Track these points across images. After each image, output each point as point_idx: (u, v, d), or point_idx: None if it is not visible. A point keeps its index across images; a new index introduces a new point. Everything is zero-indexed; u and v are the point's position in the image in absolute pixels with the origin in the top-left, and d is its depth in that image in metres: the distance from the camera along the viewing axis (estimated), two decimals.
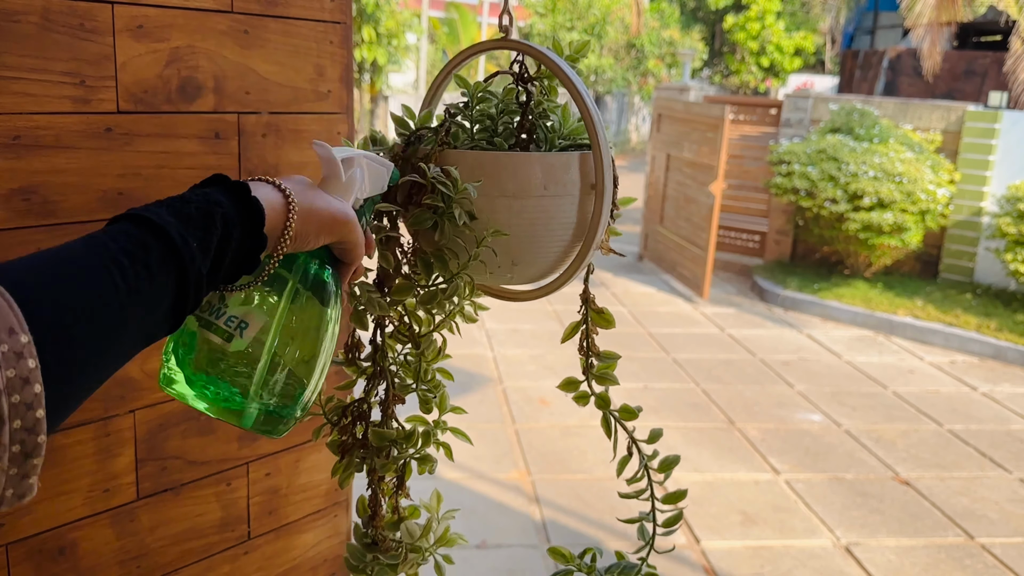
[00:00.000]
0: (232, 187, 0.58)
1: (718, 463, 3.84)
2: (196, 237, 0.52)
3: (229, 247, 0.55)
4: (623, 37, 17.95)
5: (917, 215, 6.53)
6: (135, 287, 0.48)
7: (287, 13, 0.95)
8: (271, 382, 0.63)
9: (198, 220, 0.53)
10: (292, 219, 0.60)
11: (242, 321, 0.62)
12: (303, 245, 0.63)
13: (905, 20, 10.27)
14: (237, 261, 0.57)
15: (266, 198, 0.58)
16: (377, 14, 11.23)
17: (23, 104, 0.77)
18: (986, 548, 3.21)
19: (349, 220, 0.65)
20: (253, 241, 0.57)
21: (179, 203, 0.54)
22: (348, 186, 0.68)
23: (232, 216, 0.56)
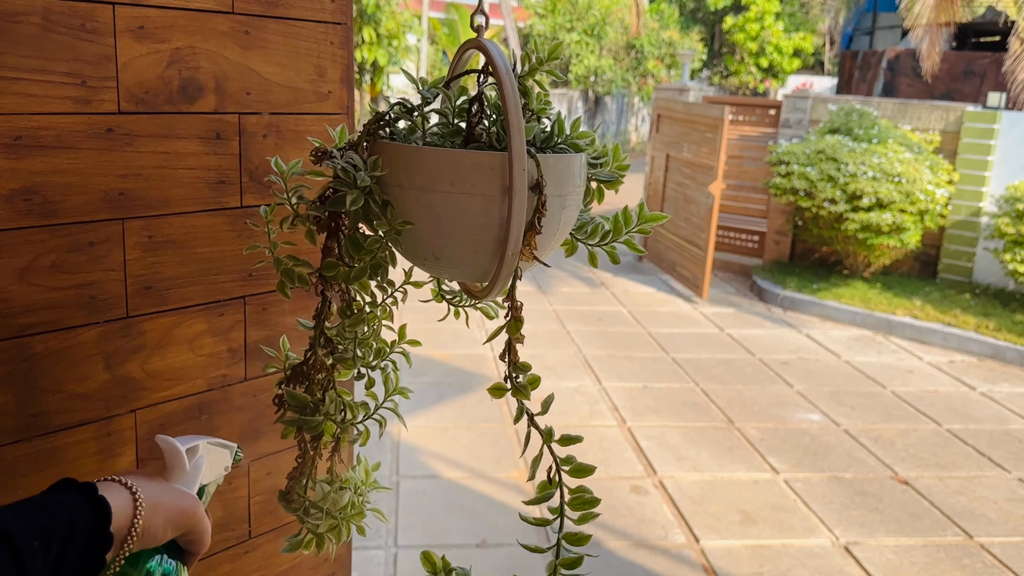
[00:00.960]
0: (79, 488, 0.59)
1: (717, 463, 3.84)
2: (39, 536, 0.53)
3: (72, 546, 0.55)
4: (623, 38, 17.96)
5: (916, 215, 6.53)
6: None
7: (288, 14, 0.95)
8: None
9: (42, 521, 0.54)
10: (139, 516, 0.61)
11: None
12: (151, 541, 0.63)
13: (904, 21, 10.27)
14: (80, 562, 0.57)
15: (113, 498, 0.60)
16: (377, 15, 11.23)
17: (24, 104, 0.77)
18: (985, 547, 3.21)
19: (196, 512, 0.67)
20: (98, 540, 0.58)
21: (24, 506, 0.55)
22: (192, 474, 0.70)
23: (78, 515, 0.56)
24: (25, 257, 0.80)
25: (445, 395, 4.39)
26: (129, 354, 0.89)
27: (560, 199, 0.75)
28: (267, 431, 1.04)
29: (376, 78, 11.95)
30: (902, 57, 12.81)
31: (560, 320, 6.01)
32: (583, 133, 0.80)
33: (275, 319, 1.03)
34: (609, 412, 4.34)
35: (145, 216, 0.88)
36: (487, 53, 0.74)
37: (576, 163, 0.76)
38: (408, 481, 3.43)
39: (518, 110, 0.71)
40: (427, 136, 0.78)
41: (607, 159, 0.83)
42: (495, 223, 0.72)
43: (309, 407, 0.77)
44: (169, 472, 0.70)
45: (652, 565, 2.99)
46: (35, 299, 0.81)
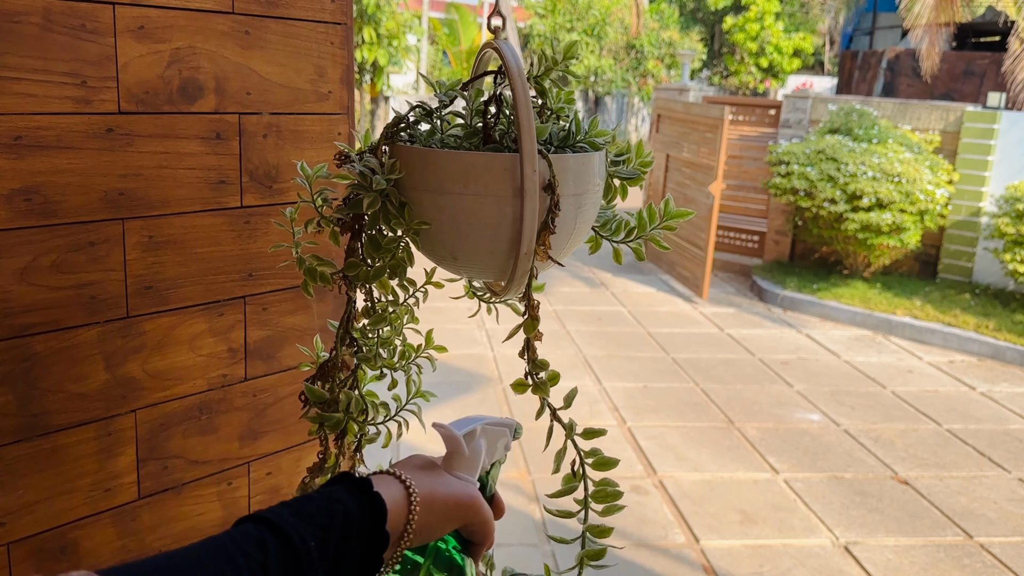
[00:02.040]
0: (355, 483, 0.58)
1: (717, 462, 3.84)
2: (315, 536, 0.53)
3: (349, 546, 0.55)
4: (623, 38, 17.96)
5: (916, 215, 6.53)
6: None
7: (288, 14, 0.95)
8: None
9: (318, 519, 0.54)
10: (414, 513, 0.59)
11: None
12: (428, 537, 0.62)
13: (904, 21, 10.27)
14: (357, 561, 0.56)
15: (388, 493, 0.58)
16: (378, 15, 11.23)
17: (25, 105, 0.77)
18: (985, 547, 3.21)
19: (474, 503, 0.64)
20: (375, 539, 0.57)
21: (302, 502, 0.55)
22: (472, 459, 0.67)
23: (353, 513, 0.56)
24: (25, 257, 0.80)
25: (445, 395, 4.39)
26: (129, 354, 0.89)
27: (576, 198, 0.75)
28: (267, 431, 1.04)
29: (376, 78, 11.94)
30: (902, 57, 12.81)
31: (560, 320, 6.01)
32: (601, 131, 0.79)
33: (275, 319, 1.03)
34: (609, 412, 4.34)
35: (145, 216, 0.88)
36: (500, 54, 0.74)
37: (594, 162, 0.76)
38: None
39: (528, 110, 0.71)
40: (445, 138, 0.79)
41: (629, 156, 0.83)
42: (509, 224, 0.72)
43: (328, 404, 0.77)
44: (448, 460, 0.67)
45: (652, 565, 2.99)
46: (35, 299, 0.81)
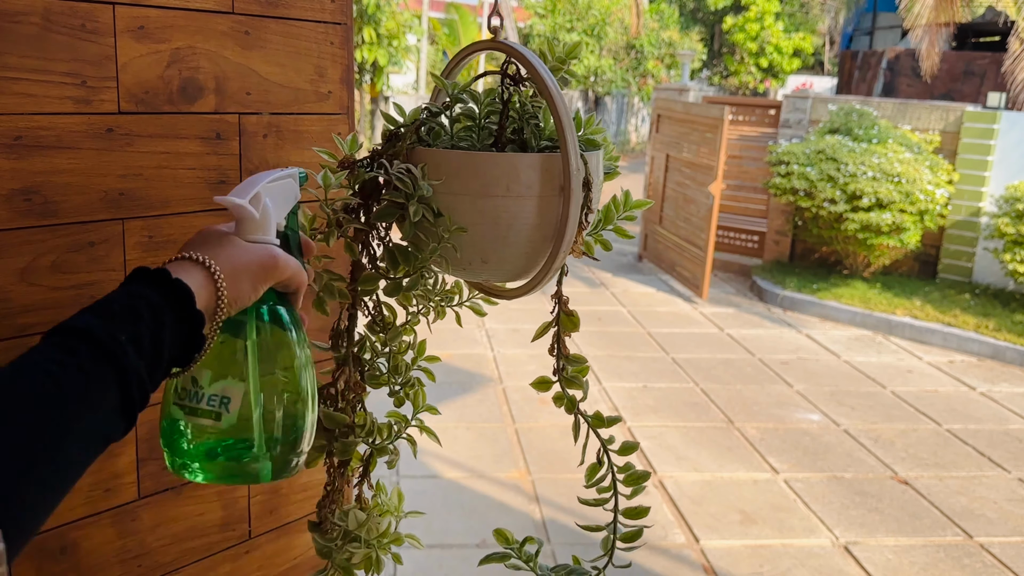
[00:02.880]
0: (152, 276, 0.58)
1: (717, 463, 3.84)
2: (124, 331, 0.53)
3: (164, 333, 0.55)
4: (623, 38, 17.96)
5: (915, 215, 6.54)
6: (69, 391, 0.49)
7: (288, 14, 0.95)
8: (272, 432, 0.65)
9: (123, 315, 0.54)
10: (221, 289, 0.60)
11: (223, 397, 0.62)
12: (244, 303, 0.63)
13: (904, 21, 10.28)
14: (179, 344, 0.57)
15: (189, 276, 0.59)
16: (378, 15, 11.23)
17: (24, 105, 0.77)
18: (985, 547, 3.21)
19: (276, 261, 0.65)
20: (189, 322, 0.58)
21: (102, 304, 0.55)
22: (264, 221, 0.68)
23: (158, 302, 0.56)
24: (25, 257, 0.80)
25: (445, 395, 4.39)
26: None
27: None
28: None
29: (376, 78, 11.95)
30: (902, 57, 12.82)
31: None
32: (597, 128, 0.81)
33: None
34: (609, 412, 4.33)
35: (145, 216, 0.88)
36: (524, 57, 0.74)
37: (600, 159, 0.79)
38: (408, 481, 3.43)
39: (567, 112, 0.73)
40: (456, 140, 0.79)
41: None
42: (549, 223, 0.74)
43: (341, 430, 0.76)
44: (240, 227, 0.67)
45: (652, 565, 2.99)
46: (35, 299, 0.81)
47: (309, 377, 0.68)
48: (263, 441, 0.64)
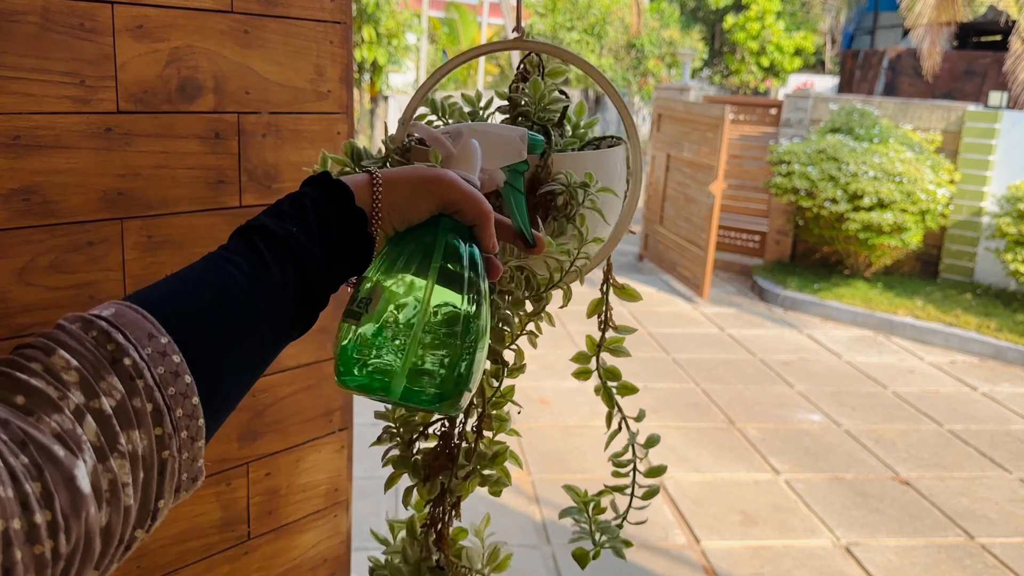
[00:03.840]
0: (315, 178, 0.62)
1: (718, 463, 3.84)
2: (295, 224, 0.57)
3: (330, 227, 0.58)
4: (623, 37, 17.95)
5: (917, 215, 6.53)
6: (254, 274, 0.53)
7: (287, 13, 0.95)
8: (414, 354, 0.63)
9: (291, 211, 0.58)
10: (377, 191, 0.62)
11: (368, 299, 0.63)
12: (405, 213, 0.63)
13: (905, 20, 10.27)
14: (345, 237, 0.60)
15: (351, 178, 0.62)
16: (377, 14, 11.23)
17: (23, 104, 0.77)
18: (986, 548, 3.21)
19: (443, 178, 0.64)
20: (351, 217, 0.60)
21: (274, 206, 0.59)
22: (464, 158, 0.67)
23: (319, 198, 0.59)
24: (23, 257, 0.79)
25: None
26: None
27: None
28: (266, 432, 1.04)
29: (376, 77, 11.94)
30: (903, 56, 12.80)
31: (560, 320, 6.01)
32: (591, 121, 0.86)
33: None
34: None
35: (144, 216, 0.87)
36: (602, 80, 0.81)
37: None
38: None
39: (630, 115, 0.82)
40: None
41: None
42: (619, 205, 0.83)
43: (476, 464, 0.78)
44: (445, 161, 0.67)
45: (652, 566, 2.99)
46: (33, 299, 0.81)
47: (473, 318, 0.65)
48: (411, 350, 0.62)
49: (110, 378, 0.43)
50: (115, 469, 0.42)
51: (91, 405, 0.42)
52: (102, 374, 0.43)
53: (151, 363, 0.45)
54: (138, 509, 0.44)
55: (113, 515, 0.42)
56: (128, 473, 0.43)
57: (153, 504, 0.46)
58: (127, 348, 0.44)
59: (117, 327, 0.45)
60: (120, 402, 0.43)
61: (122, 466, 0.42)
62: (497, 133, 0.71)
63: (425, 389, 0.64)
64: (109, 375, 0.43)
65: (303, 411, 1.08)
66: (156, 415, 0.44)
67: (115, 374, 0.43)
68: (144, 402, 0.44)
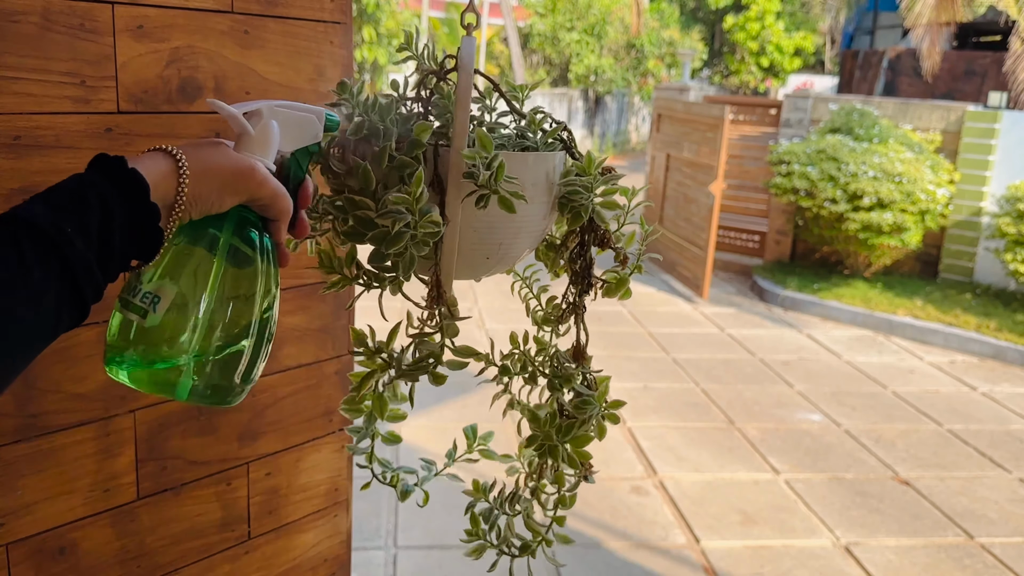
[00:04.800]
0: (107, 164, 0.56)
1: (718, 463, 3.84)
2: (71, 222, 0.51)
3: (114, 224, 0.53)
4: (623, 37, 17.95)
5: (917, 215, 6.53)
6: (9, 278, 0.48)
7: (287, 13, 0.95)
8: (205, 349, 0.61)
9: (70, 206, 0.52)
10: (183, 183, 0.58)
11: (155, 296, 0.60)
12: (208, 207, 0.60)
13: (905, 20, 10.27)
14: (130, 236, 0.55)
15: (152, 167, 0.57)
16: (377, 14, 11.23)
17: (23, 104, 0.77)
18: (986, 548, 3.21)
19: (255, 173, 0.62)
20: (141, 214, 0.55)
21: (51, 192, 0.53)
22: (261, 140, 0.65)
23: (108, 192, 0.54)
24: None
25: (445, 395, 4.39)
26: None
27: None
28: (266, 432, 1.04)
29: (376, 77, 11.94)
30: (903, 56, 12.80)
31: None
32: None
33: None
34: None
35: None
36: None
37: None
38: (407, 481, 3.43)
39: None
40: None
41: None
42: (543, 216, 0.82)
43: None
44: (238, 142, 0.65)
45: (652, 566, 2.99)
46: None
47: (263, 310, 0.65)
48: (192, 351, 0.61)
49: None
50: None
51: None
52: None
53: None
54: None
55: None
56: None
57: None
58: None
59: None
60: None
61: None
62: (297, 114, 0.69)
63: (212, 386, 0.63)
64: None
65: (303, 411, 1.08)
66: None
67: None
68: None
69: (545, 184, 0.79)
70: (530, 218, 0.79)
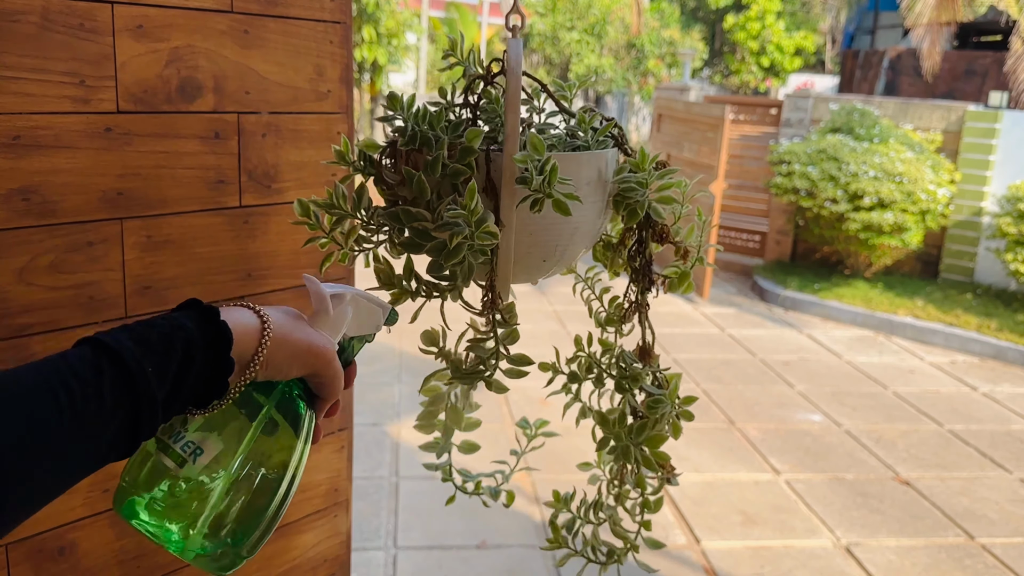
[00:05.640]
0: (202, 311, 0.58)
1: (718, 463, 3.83)
2: (152, 363, 0.53)
3: (190, 372, 0.55)
4: (623, 37, 17.94)
5: (917, 215, 6.53)
6: (81, 410, 0.49)
7: (287, 13, 0.95)
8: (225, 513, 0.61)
9: (158, 345, 0.53)
10: (264, 345, 0.59)
11: (197, 447, 0.60)
12: (275, 373, 0.62)
13: (905, 20, 10.27)
14: (199, 385, 0.56)
15: (239, 322, 0.58)
16: (377, 14, 11.22)
17: (23, 104, 0.77)
18: (986, 548, 3.21)
19: (325, 353, 0.64)
20: (218, 365, 0.57)
21: (143, 327, 0.55)
22: (336, 322, 0.67)
23: (196, 340, 0.55)
24: (23, 257, 0.79)
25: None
26: None
27: None
28: None
29: (376, 77, 11.94)
30: (903, 56, 12.80)
31: (560, 320, 6.01)
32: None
33: None
34: None
35: (144, 216, 0.87)
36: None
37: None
38: (408, 481, 3.43)
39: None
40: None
41: None
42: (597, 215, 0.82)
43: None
44: (313, 318, 0.67)
45: (653, 566, 2.99)
46: (33, 299, 0.80)
47: (289, 486, 0.65)
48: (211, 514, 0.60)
49: None
50: None
51: None
52: None
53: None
54: None
55: None
56: None
57: None
58: None
59: None
60: None
61: None
62: (369, 304, 0.71)
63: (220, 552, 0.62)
64: None
65: None
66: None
67: None
68: None
69: (599, 183, 0.78)
70: (585, 218, 0.78)
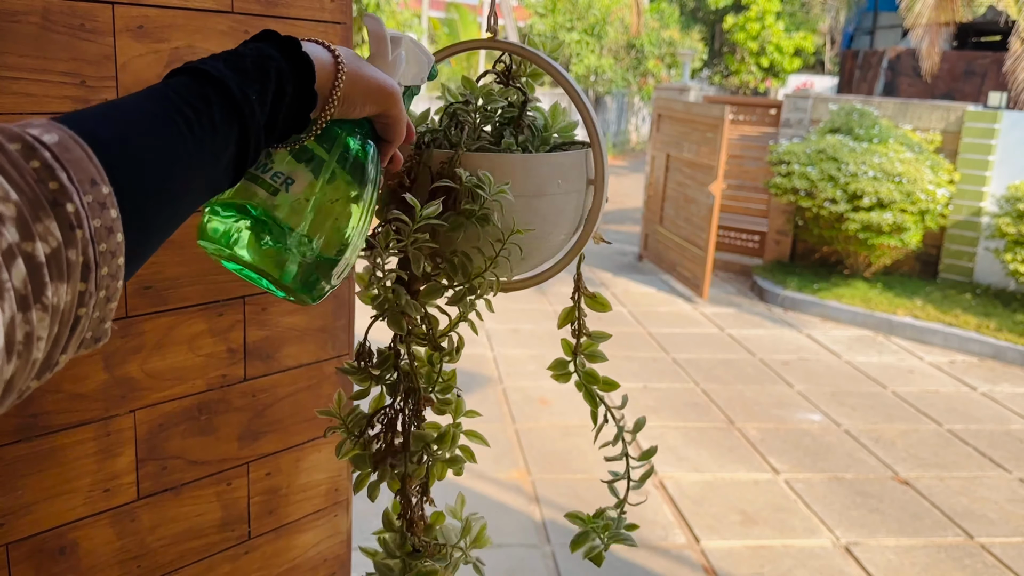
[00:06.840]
0: (284, 42, 0.57)
1: (718, 463, 3.84)
2: (254, 90, 0.53)
3: (283, 102, 0.55)
4: (623, 37, 17.95)
5: (916, 215, 6.53)
6: (200, 138, 0.49)
7: (287, 14, 0.95)
8: (312, 241, 0.63)
9: (254, 74, 0.53)
10: (340, 80, 0.59)
11: (288, 177, 0.62)
12: (349, 110, 0.62)
13: (904, 20, 10.27)
14: (289, 117, 0.57)
15: (316, 56, 0.58)
16: (377, 14, 11.22)
17: (23, 104, 0.77)
18: (986, 548, 3.21)
19: (394, 92, 0.64)
20: (304, 98, 0.57)
21: (234, 57, 0.54)
22: (393, 66, 0.68)
23: (285, 70, 0.55)
24: None
25: None
26: (128, 354, 0.88)
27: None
28: (266, 432, 1.04)
29: None
30: (903, 57, 12.81)
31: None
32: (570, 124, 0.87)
33: (275, 319, 1.02)
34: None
35: None
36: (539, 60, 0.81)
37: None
38: None
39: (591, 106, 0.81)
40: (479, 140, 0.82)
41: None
42: (581, 212, 0.83)
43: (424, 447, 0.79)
44: (372, 58, 0.67)
45: (652, 566, 2.99)
46: None
47: (363, 219, 0.67)
48: (303, 237, 0.62)
49: (48, 222, 0.38)
50: (34, 322, 0.37)
51: (23, 248, 0.36)
52: (40, 215, 0.37)
53: (90, 213, 0.40)
54: (42, 362, 0.40)
55: (19, 368, 0.37)
56: (46, 328, 0.38)
57: (56, 358, 0.41)
58: (71, 192, 0.39)
59: (62, 164, 0.39)
60: (55, 251, 0.38)
61: (42, 319, 0.38)
62: (418, 54, 0.72)
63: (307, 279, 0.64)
64: (48, 218, 0.38)
65: (303, 411, 1.08)
66: (84, 271, 0.40)
67: (54, 218, 0.38)
68: (78, 255, 0.39)
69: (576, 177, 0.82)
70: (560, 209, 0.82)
